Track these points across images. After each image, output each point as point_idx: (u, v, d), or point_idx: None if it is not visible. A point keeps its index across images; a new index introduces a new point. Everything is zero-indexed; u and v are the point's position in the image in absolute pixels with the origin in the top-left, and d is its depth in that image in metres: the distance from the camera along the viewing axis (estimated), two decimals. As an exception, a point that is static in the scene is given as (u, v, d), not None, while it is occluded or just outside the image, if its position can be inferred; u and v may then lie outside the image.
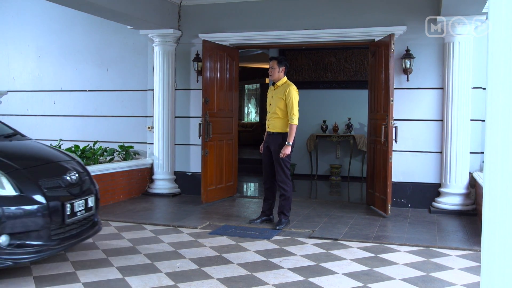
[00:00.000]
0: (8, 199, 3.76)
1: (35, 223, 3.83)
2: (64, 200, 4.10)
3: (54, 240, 3.98)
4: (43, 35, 9.13)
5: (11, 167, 3.99)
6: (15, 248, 3.71)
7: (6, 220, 3.69)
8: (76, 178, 4.40)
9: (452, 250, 5.08)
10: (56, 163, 4.49)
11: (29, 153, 4.64)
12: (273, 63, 6.02)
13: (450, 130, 6.76)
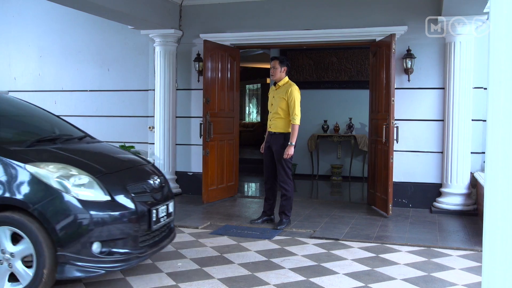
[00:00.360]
0: (100, 205, 3.62)
1: (124, 229, 3.70)
2: (150, 205, 3.96)
3: (141, 247, 3.85)
4: (45, 35, 9.13)
5: (99, 171, 3.85)
6: (106, 256, 3.59)
7: (97, 227, 3.55)
8: (158, 182, 4.27)
9: (453, 250, 5.07)
10: (139, 167, 4.39)
11: (110, 156, 4.49)
12: (274, 63, 6.01)
13: (451, 130, 6.75)
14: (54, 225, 3.45)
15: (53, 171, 3.60)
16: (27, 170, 3.57)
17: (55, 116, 4.99)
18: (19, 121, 4.65)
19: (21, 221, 3.47)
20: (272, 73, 6.04)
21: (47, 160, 3.75)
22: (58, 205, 3.51)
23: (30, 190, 3.55)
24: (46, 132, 4.65)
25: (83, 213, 3.51)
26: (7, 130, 4.25)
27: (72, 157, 4.00)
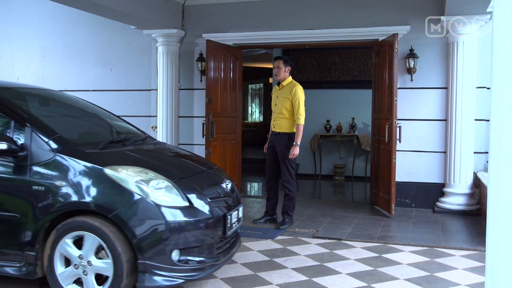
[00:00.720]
0: (179, 211, 3.47)
1: (202, 236, 3.56)
2: (225, 211, 3.83)
3: (217, 255, 3.72)
4: (47, 35, 9.14)
5: (176, 175, 3.72)
6: (184, 265, 3.46)
7: (177, 234, 3.41)
8: (230, 187, 4.16)
9: (456, 250, 5.07)
10: (210, 170, 4.24)
11: (181, 160, 4.37)
12: (278, 63, 6.00)
13: (454, 130, 6.74)
14: (135, 232, 3.32)
15: (132, 175, 3.48)
16: (105, 173, 3.45)
17: (114, 115, 4.87)
18: (83, 121, 4.56)
19: (98, 227, 3.35)
20: (276, 73, 6.04)
21: (124, 163, 3.64)
22: (139, 211, 3.37)
23: (109, 195, 3.42)
24: (110, 132, 4.56)
25: (164, 220, 3.37)
26: (75, 131, 4.12)
27: (147, 160, 3.92)
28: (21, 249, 3.49)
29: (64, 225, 3.43)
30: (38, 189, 3.46)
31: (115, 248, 3.32)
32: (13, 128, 3.65)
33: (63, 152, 3.53)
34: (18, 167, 3.52)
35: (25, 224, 3.48)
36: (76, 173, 3.46)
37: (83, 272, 3.41)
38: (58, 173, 3.48)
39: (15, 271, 3.50)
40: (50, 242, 3.44)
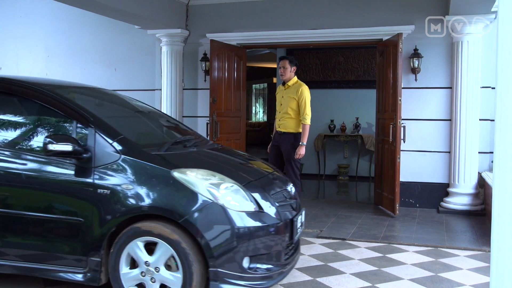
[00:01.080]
0: (249, 216, 3.30)
1: (272, 242, 3.38)
2: (292, 215, 3.67)
3: (284, 262, 3.54)
4: (52, 35, 9.16)
5: (245, 178, 3.56)
6: (254, 272, 3.28)
7: (249, 240, 3.24)
8: (294, 190, 4.03)
9: (460, 251, 5.05)
10: (274, 173, 4.06)
11: (244, 162, 4.20)
12: (284, 63, 6.01)
13: (458, 130, 6.73)
14: (207, 238, 3.16)
15: (201, 178, 3.34)
16: (173, 176, 3.29)
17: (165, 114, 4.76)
18: (138, 121, 4.42)
19: (169, 233, 3.21)
20: (282, 73, 6.03)
21: (190, 166, 3.49)
22: (210, 216, 3.21)
23: (178, 199, 3.25)
24: (166, 132, 4.42)
25: (235, 225, 3.22)
26: (133, 132, 3.95)
27: (213, 163, 3.81)
28: (85, 254, 3.36)
29: (131, 230, 3.29)
30: (103, 193, 3.33)
31: (187, 257, 3.18)
32: (75, 129, 3.54)
33: (129, 154, 3.39)
34: (81, 169, 3.39)
35: (89, 228, 3.35)
36: (143, 176, 3.32)
37: (151, 279, 3.27)
38: (124, 175, 3.34)
39: (79, 277, 3.38)
40: (117, 247, 3.31)
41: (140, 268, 3.30)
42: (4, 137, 3.68)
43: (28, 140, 3.68)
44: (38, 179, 3.45)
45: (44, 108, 3.63)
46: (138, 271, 3.31)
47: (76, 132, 3.53)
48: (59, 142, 3.28)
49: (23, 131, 3.73)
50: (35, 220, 3.45)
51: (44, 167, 3.46)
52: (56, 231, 3.45)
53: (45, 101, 3.62)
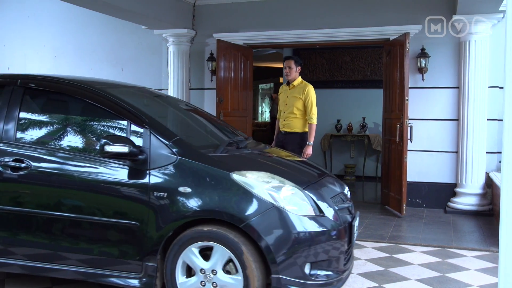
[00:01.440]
0: (311, 220, 3.17)
1: (332, 247, 3.24)
2: (350, 219, 3.52)
3: (344, 268, 3.39)
4: (59, 35, 9.21)
5: (304, 181, 3.43)
6: (315, 279, 3.16)
7: (310, 245, 3.11)
8: (349, 193, 3.92)
9: (468, 251, 5.03)
10: (329, 176, 3.90)
11: (298, 164, 4.07)
12: (290, 63, 6.02)
13: (466, 130, 6.70)
14: (269, 243, 3.04)
15: (261, 181, 3.21)
16: (233, 179, 3.17)
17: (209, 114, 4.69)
18: (188, 121, 4.32)
19: (231, 238, 3.10)
20: (287, 72, 6.04)
21: (248, 168, 3.37)
22: (272, 220, 3.08)
23: (238, 202, 3.12)
24: (216, 133, 4.29)
25: (297, 230, 3.09)
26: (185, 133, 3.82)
27: (270, 165, 3.72)
28: (140, 259, 3.27)
29: (188, 234, 3.19)
30: (160, 195, 3.22)
31: (248, 262, 3.07)
32: (129, 130, 3.43)
33: (186, 156, 3.27)
34: (135, 171, 3.29)
35: (145, 232, 3.24)
36: (202, 179, 3.20)
37: (213, 284, 3.17)
38: (182, 178, 3.22)
39: (134, 283, 3.29)
40: (173, 252, 3.22)
41: (197, 276, 3.20)
42: (56, 138, 3.62)
43: (80, 141, 3.60)
44: (91, 181, 3.35)
45: (96, 108, 3.53)
46: (196, 279, 3.20)
47: (130, 133, 3.43)
48: (116, 143, 3.17)
49: (75, 132, 3.65)
50: (87, 223, 3.36)
51: (98, 169, 3.36)
52: (110, 235, 3.35)
53: (97, 101, 3.51)
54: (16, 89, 3.66)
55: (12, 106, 3.61)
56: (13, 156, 3.46)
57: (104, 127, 3.59)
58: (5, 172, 3.44)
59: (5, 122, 3.57)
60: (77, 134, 3.64)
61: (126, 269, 3.32)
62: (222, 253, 3.13)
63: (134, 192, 3.28)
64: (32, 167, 3.42)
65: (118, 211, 3.32)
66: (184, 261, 3.22)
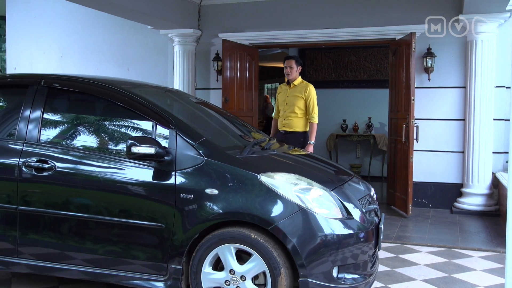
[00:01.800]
0: (339, 223, 3.12)
1: (360, 250, 3.19)
2: (377, 221, 3.48)
3: (370, 271, 3.35)
4: (65, 35, 9.24)
5: (330, 183, 3.36)
6: (342, 283, 3.11)
7: (339, 249, 3.07)
8: (375, 195, 3.87)
9: (474, 251, 5.02)
10: (355, 178, 3.82)
11: (324, 166, 4.00)
12: (291, 63, 6.04)
13: (472, 130, 6.67)
14: (298, 247, 2.99)
15: (289, 182, 3.17)
16: (260, 181, 3.13)
17: (228, 113, 4.64)
18: (210, 121, 4.25)
19: (253, 239, 3.07)
20: (288, 72, 6.05)
21: (276, 170, 3.31)
22: (300, 223, 3.04)
23: (266, 204, 3.07)
24: (238, 133, 4.19)
25: (325, 232, 3.05)
26: (209, 133, 3.71)
27: (297, 166, 3.70)
28: (165, 261, 3.23)
29: (217, 236, 3.15)
30: (187, 197, 3.18)
31: (278, 269, 3.04)
32: (154, 130, 3.39)
33: (213, 157, 3.23)
34: (161, 172, 3.26)
35: (171, 234, 3.21)
36: (229, 181, 3.15)
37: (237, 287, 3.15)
38: (209, 179, 3.18)
39: (159, 285, 3.26)
40: (199, 253, 3.18)
41: (225, 272, 3.16)
42: (80, 139, 3.60)
43: (105, 141, 3.58)
44: (116, 182, 3.32)
45: (121, 108, 3.50)
46: (223, 274, 3.17)
47: (155, 134, 3.39)
48: (142, 144, 3.14)
49: (99, 133, 3.63)
50: (111, 224, 3.33)
51: (123, 170, 3.33)
52: (134, 236, 3.32)
53: (122, 101, 3.48)
54: (40, 89, 3.65)
55: (35, 107, 3.60)
56: (37, 156, 3.46)
57: (129, 128, 3.56)
58: (30, 172, 3.44)
59: (29, 123, 3.56)
60: (101, 135, 3.63)
61: (150, 272, 3.29)
62: (259, 265, 3.09)
63: (160, 193, 3.25)
64: (57, 168, 3.42)
65: (143, 212, 3.28)
66: (217, 254, 3.17)
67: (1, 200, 3.51)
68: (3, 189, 3.52)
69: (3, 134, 3.65)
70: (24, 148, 3.51)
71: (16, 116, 3.63)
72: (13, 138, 3.57)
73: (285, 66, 6.10)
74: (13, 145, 3.54)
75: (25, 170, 3.45)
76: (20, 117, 3.60)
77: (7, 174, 3.50)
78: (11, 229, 3.48)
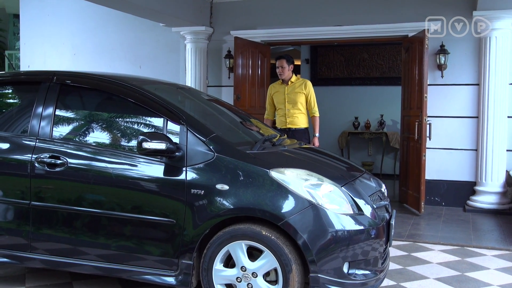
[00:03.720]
0: (350, 218, 3.12)
1: (370, 246, 3.18)
2: (388, 217, 3.48)
3: (381, 268, 3.34)
4: (78, 33, 9.29)
5: (341, 179, 3.36)
6: (353, 279, 3.11)
7: (348, 244, 3.06)
8: (386, 191, 3.85)
9: (488, 250, 4.98)
10: (366, 174, 3.82)
11: (335, 162, 3.96)
12: (282, 62, 6.16)
13: (486, 127, 6.62)
14: (308, 242, 3.00)
15: (300, 178, 3.17)
16: (271, 177, 3.13)
17: (239, 109, 4.66)
18: (220, 117, 4.24)
19: (264, 235, 3.07)
20: (280, 72, 6.18)
21: (286, 166, 3.32)
22: (310, 218, 3.04)
23: (278, 200, 3.07)
24: (249, 129, 4.20)
25: (336, 228, 3.04)
26: (219, 129, 3.71)
27: (308, 162, 3.69)
28: (176, 257, 3.26)
29: (229, 232, 3.16)
30: (197, 193, 3.19)
31: (290, 265, 3.05)
32: (165, 126, 3.41)
33: (223, 153, 3.24)
34: (172, 168, 3.27)
35: (182, 230, 3.23)
36: (240, 176, 3.17)
37: (248, 285, 3.14)
38: (220, 175, 3.18)
39: (170, 280, 3.28)
40: (211, 249, 3.19)
41: (237, 269, 3.17)
42: (91, 135, 3.63)
43: (116, 137, 3.61)
44: (127, 178, 3.35)
45: (132, 105, 3.53)
46: (234, 271, 3.18)
47: (167, 130, 3.40)
48: (153, 140, 3.15)
49: (111, 129, 3.65)
50: (122, 219, 3.36)
51: (134, 166, 3.36)
52: (146, 232, 3.34)
53: (133, 97, 3.51)
54: (52, 86, 3.69)
55: (48, 103, 3.64)
56: (50, 152, 3.50)
57: (141, 124, 3.59)
58: (43, 168, 3.48)
59: (42, 119, 3.60)
60: (113, 131, 3.65)
61: (162, 267, 3.31)
62: (270, 262, 3.09)
63: (171, 189, 3.27)
64: (69, 164, 3.45)
65: (154, 208, 3.30)
66: (228, 251, 3.18)
67: (14, 195, 3.56)
68: (17, 184, 3.57)
69: (17, 131, 3.70)
70: (36, 144, 3.54)
71: (29, 112, 3.67)
72: (26, 134, 3.61)
73: (276, 66, 6.18)
74: (26, 141, 3.58)
75: (38, 166, 3.49)
76: (33, 114, 3.64)
77: (20, 170, 3.53)
78: (24, 224, 3.52)
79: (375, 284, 3.24)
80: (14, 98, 4.11)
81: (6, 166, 3.59)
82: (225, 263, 3.23)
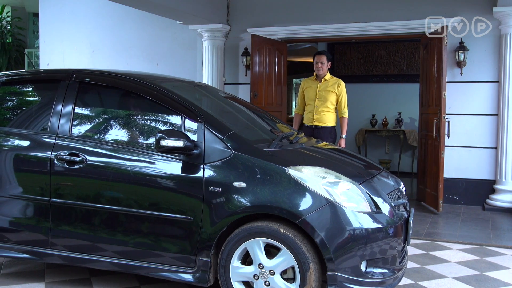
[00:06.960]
0: (368, 217, 3.09)
1: (388, 245, 3.15)
2: (407, 216, 3.46)
3: (399, 266, 3.32)
4: (97, 31, 9.37)
5: (359, 177, 3.32)
6: (371, 277, 3.09)
7: (368, 243, 3.04)
8: (405, 189, 3.83)
9: (507, 249, 4.91)
10: (384, 172, 3.78)
11: (352, 159, 3.94)
12: (322, 58, 6.11)
13: (506, 125, 6.54)
14: (326, 241, 2.99)
15: (318, 176, 3.16)
16: (289, 174, 3.12)
17: (254, 106, 4.63)
18: (237, 114, 4.23)
19: (282, 233, 3.06)
20: (320, 67, 6.10)
21: (304, 163, 3.31)
22: (328, 216, 3.03)
23: (295, 198, 3.07)
24: (265, 127, 4.17)
25: (354, 226, 3.03)
26: (237, 127, 3.67)
27: (325, 160, 3.67)
28: (194, 254, 3.27)
29: (246, 230, 3.15)
30: (215, 190, 3.19)
31: (307, 264, 3.04)
32: (183, 124, 3.43)
33: (241, 151, 3.24)
34: (189, 165, 3.28)
35: (199, 227, 3.23)
36: (257, 174, 3.15)
37: (265, 282, 3.14)
38: (237, 173, 3.18)
39: (188, 277, 3.29)
40: (229, 246, 3.19)
41: (254, 266, 3.16)
42: (110, 132, 3.65)
43: (134, 135, 3.61)
44: (145, 175, 3.36)
45: (151, 102, 3.55)
46: (252, 269, 3.17)
47: (184, 127, 3.41)
48: (171, 137, 3.16)
49: (129, 126, 3.66)
50: (140, 216, 3.38)
51: (152, 163, 3.38)
52: (163, 229, 3.35)
53: (152, 95, 3.53)
54: (71, 83, 3.73)
55: (67, 101, 3.68)
56: (69, 150, 3.54)
57: (159, 122, 3.60)
58: (62, 165, 3.52)
59: (61, 117, 3.65)
60: (131, 128, 3.66)
61: (179, 264, 3.33)
62: (288, 260, 3.08)
63: (188, 186, 3.28)
64: (88, 161, 3.48)
65: (172, 205, 3.32)
66: (245, 248, 3.18)
67: (34, 192, 3.60)
68: (37, 181, 3.61)
69: (37, 128, 3.74)
70: (56, 142, 3.58)
71: (48, 110, 3.72)
72: (46, 132, 3.65)
73: (315, 62, 6.11)
74: (46, 139, 3.62)
75: (57, 163, 3.53)
76: (53, 111, 3.68)
77: (40, 167, 3.58)
78: (44, 220, 3.57)
79: (393, 283, 3.20)
80: (34, 96, 4.15)
81: (27, 163, 3.64)
82: (243, 261, 3.23)
